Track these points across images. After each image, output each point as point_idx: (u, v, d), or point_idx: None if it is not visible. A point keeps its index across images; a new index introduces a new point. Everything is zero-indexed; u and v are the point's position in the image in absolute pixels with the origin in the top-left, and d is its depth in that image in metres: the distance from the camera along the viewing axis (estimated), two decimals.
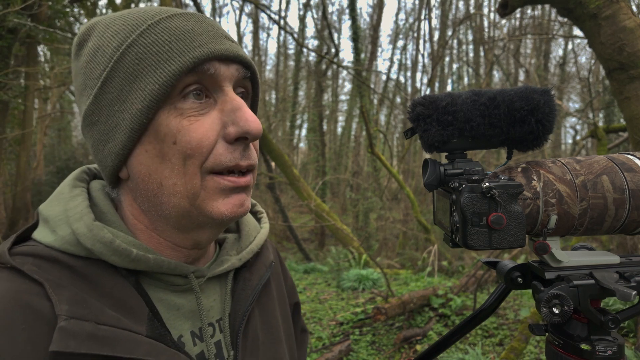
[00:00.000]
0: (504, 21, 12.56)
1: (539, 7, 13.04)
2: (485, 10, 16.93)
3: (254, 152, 0.61)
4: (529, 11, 14.54)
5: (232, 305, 0.68)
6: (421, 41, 20.45)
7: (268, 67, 21.75)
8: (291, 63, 18.54)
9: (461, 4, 18.55)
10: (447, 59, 18.63)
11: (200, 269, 0.65)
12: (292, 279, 0.89)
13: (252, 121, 0.56)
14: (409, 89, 20.34)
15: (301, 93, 18.61)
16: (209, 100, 0.57)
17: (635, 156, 0.63)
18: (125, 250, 0.56)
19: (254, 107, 0.67)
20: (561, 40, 15.46)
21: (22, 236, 0.59)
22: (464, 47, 19.16)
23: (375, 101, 15.37)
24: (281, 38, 19.56)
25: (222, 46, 0.56)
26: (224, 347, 0.65)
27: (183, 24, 0.56)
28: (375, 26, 17.07)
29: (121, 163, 0.58)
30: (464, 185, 0.58)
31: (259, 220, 0.82)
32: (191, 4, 8.61)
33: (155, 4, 11.46)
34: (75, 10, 8.31)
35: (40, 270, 0.53)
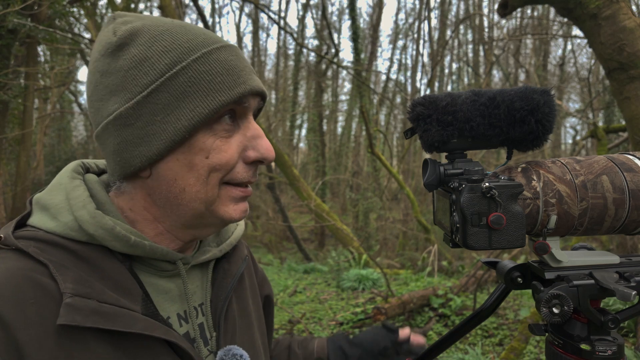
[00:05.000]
0: (504, 21, 12.56)
1: (539, 7, 13.04)
2: (485, 10, 16.93)
3: None
4: (528, 11, 14.54)
5: (214, 292, 0.76)
6: (421, 41, 20.42)
7: (268, 67, 21.76)
8: (291, 63, 18.53)
9: (461, 4, 18.53)
10: (447, 59, 18.63)
11: (186, 256, 0.72)
12: (262, 271, 0.98)
13: (270, 150, 0.68)
14: (409, 89, 20.33)
15: (301, 93, 18.60)
16: (235, 123, 0.67)
17: (635, 156, 0.63)
18: (125, 237, 0.62)
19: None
20: (561, 40, 15.46)
21: (18, 223, 0.64)
22: (464, 47, 19.15)
23: (375, 101, 15.36)
24: (281, 38, 19.56)
25: (255, 83, 0.67)
26: (207, 328, 0.73)
27: (230, 58, 0.65)
28: (375, 26, 17.08)
29: (149, 165, 0.64)
30: (464, 185, 0.59)
31: None
32: (191, 4, 8.61)
33: (155, 4, 11.46)
34: (75, 10, 8.30)
35: (43, 252, 0.59)
